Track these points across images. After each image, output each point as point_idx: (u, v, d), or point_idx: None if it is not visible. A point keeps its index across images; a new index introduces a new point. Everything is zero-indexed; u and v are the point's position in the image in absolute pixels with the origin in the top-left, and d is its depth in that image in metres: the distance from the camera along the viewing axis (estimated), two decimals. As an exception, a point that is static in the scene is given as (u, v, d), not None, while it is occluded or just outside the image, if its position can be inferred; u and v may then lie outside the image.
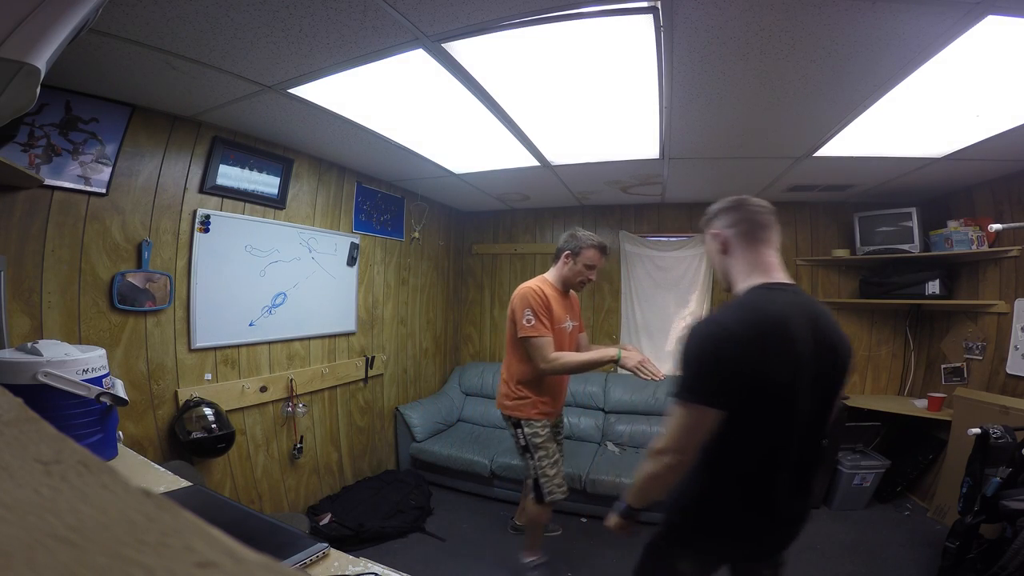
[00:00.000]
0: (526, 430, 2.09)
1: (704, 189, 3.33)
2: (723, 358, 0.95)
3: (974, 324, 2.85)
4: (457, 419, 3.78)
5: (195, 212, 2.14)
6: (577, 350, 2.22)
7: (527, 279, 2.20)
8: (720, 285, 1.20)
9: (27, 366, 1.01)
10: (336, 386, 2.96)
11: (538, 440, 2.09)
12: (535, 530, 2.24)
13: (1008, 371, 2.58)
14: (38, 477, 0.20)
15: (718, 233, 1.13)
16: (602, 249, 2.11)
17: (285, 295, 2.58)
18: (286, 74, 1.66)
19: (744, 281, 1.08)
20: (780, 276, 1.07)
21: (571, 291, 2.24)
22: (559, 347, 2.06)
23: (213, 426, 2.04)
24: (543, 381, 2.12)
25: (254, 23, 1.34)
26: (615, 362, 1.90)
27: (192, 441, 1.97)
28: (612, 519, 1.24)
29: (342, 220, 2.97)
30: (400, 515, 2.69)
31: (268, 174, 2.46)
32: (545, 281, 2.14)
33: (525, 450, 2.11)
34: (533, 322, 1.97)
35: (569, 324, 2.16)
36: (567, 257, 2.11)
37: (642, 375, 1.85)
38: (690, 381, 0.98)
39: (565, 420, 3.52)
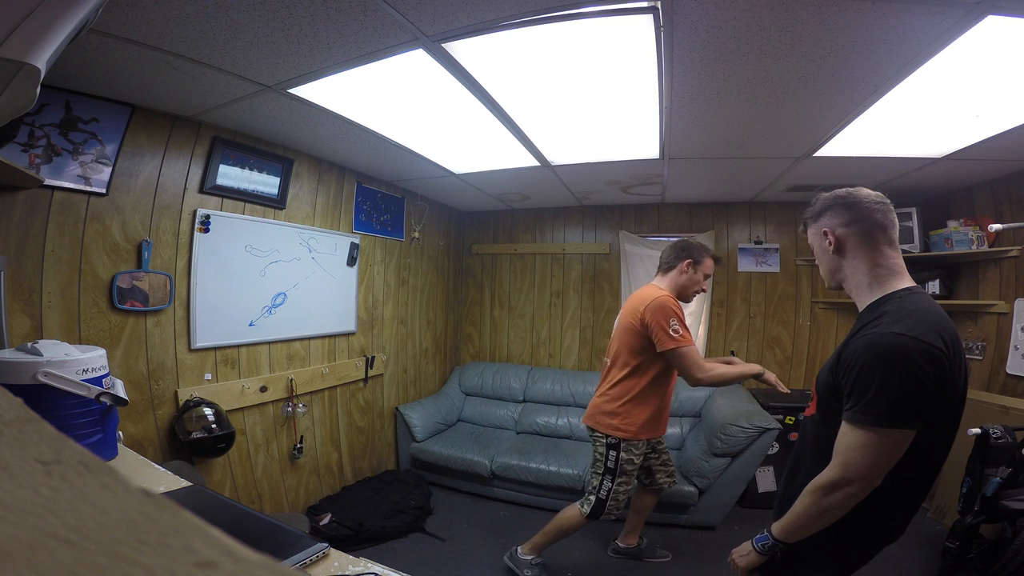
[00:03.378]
0: (623, 455, 2.00)
1: (704, 189, 3.33)
2: (930, 377, 0.85)
3: (974, 324, 2.85)
4: (457, 419, 3.78)
5: (195, 212, 2.14)
6: None
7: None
8: (825, 282, 1.13)
9: (27, 366, 1.01)
10: (336, 386, 2.96)
11: (630, 467, 2.02)
12: (557, 536, 2.18)
13: (1008, 371, 2.58)
14: (38, 477, 0.20)
15: (829, 231, 1.05)
16: (717, 260, 2.12)
17: (285, 295, 2.58)
18: (286, 74, 1.66)
19: (878, 285, 1.00)
20: (910, 279, 1.01)
21: None
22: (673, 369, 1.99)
23: (213, 426, 2.04)
24: (662, 400, 2.03)
25: (254, 23, 1.34)
26: (758, 377, 1.92)
27: (192, 441, 1.97)
28: (747, 556, 1.10)
29: (342, 220, 2.97)
30: (400, 515, 2.69)
31: (268, 174, 2.46)
32: (663, 290, 2.02)
33: (608, 472, 2.02)
34: (680, 332, 1.87)
35: None
36: (687, 266, 2.04)
37: (781, 389, 1.90)
38: (889, 403, 0.86)
39: (566, 420, 3.55)
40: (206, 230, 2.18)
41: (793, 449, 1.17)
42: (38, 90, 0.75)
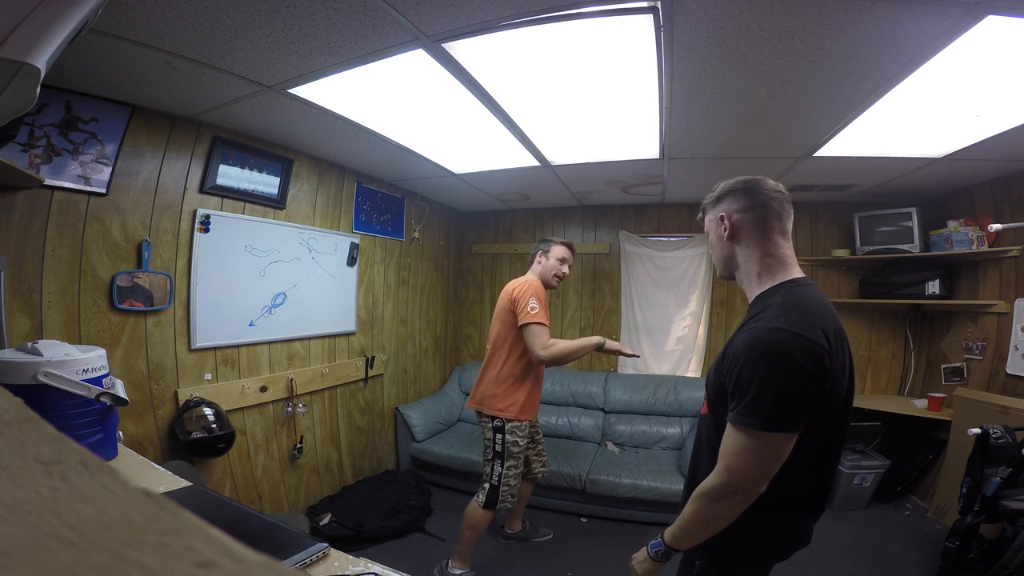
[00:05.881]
0: (508, 436, 2.10)
1: (704, 189, 3.29)
2: (811, 375, 0.82)
3: (974, 324, 2.85)
4: (457, 419, 3.78)
5: (195, 212, 2.14)
6: None
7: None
8: (717, 271, 1.11)
9: (27, 366, 1.01)
10: (336, 386, 2.96)
11: (516, 449, 2.10)
12: (473, 537, 2.13)
13: (1008, 371, 2.58)
14: (38, 477, 0.20)
15: (726, 216, 1.01)
16: (570, 246, 2.28)
17: (285, 295, 2.58)
18: (286, 74, 1.66)
19: (767, 275, 0.98)
20: (799, 271, 0.99)
21: None
22: None
23: (213, 426, 2.04)
24: (535, 379, 2.16)
25: (254, 23, 1.34)
26: (600, 348, 2.04)
27: (192, 441, 1.97)
28: (642, 563, 1.06)
29: (342, 220, 2.97)
30: (400, 515, 2.69)
31: (268, 174, 2.46)
32: (533, 279, 2.22)
33: (497, 456, 2.10)
34: (538, 309, 2.02)
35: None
36: (541, 255, 2.26)
37: (627, 353, 2.07)
38: (770, 406, 0.83)
39: (565, 420, 3.55)
40: (206, 230, 2.18)
41: (692, 451, 1.14)
42: (38, 90, 0.75)
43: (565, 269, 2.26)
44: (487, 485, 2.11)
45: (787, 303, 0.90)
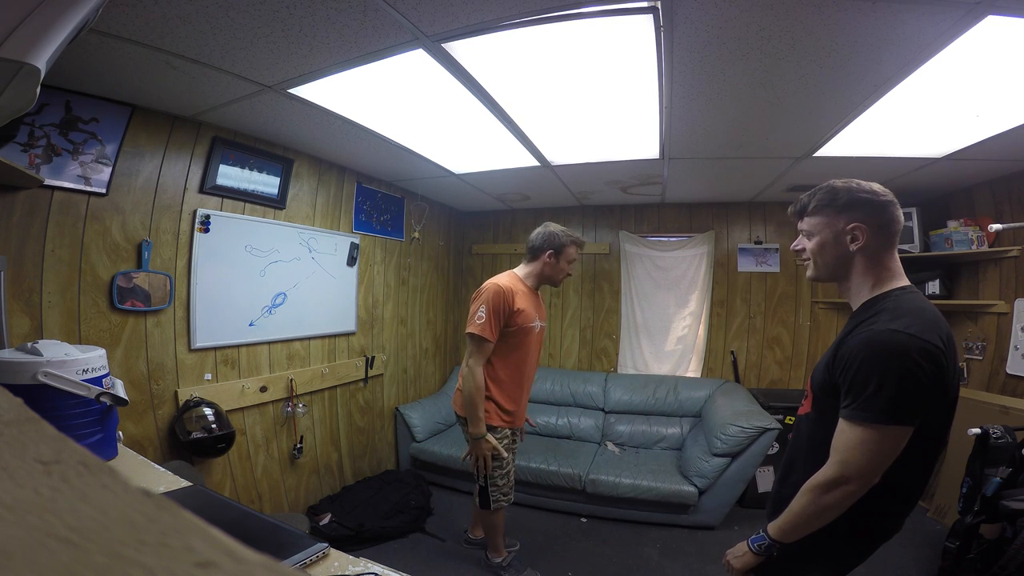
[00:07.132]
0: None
1: (704, 189, 3.33)
2: (928, 373, 0.86)
3: (974, 324, 2.85)
4: (457, 419, 3.78)
5: (195, 212, 2.14)
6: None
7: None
8: (812, 272, 1.11)
9: (27, 366, 1.01)
10: (336, 386, 2.96)
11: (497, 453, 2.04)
12: (493, 532, 2.25)
13: (1008, 371, 2.58)
14: (38, 477, 0.20)
15: (858, 228, 0.99)
16: (580, 245, 2.12)
17: (285, 295, 2.58)
18: (286, 74, 1.66)
19: (879, 284, 1.00)
20: (906, 279, 1.01)
21: (539, 290, 2.18)
22: (528, 347, 2.05)
23: (213, 426, 2.04)
24: (516, 384, 2.06)
25: (254, 23, 1.34)
26: (474, 436, 1.96)
27: (192, 441, 1.97)
28: (742, 557, 1.08)
29: (342, 220, 2.97)
30: (400, 515, 2.69)
31: (268, 174, 2.46)
32: (515, 278, 2.06)
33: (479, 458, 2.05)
34: (484, 319, 1.89)
35: (538, 324, 2.09)
36: (550, 256, 2.05)
37: (472, 464, 2.02)
38: (888, 400, 0.86)
39: (566, 420, 3.55)
40: (206, 230, 2.18)
41: (788, 448, 1.17)
42: (38, 90, 0.75)
43: (571, 271, 2.13)
44: (476, 486, 2.11)
45: (900, 308, 0.93)
